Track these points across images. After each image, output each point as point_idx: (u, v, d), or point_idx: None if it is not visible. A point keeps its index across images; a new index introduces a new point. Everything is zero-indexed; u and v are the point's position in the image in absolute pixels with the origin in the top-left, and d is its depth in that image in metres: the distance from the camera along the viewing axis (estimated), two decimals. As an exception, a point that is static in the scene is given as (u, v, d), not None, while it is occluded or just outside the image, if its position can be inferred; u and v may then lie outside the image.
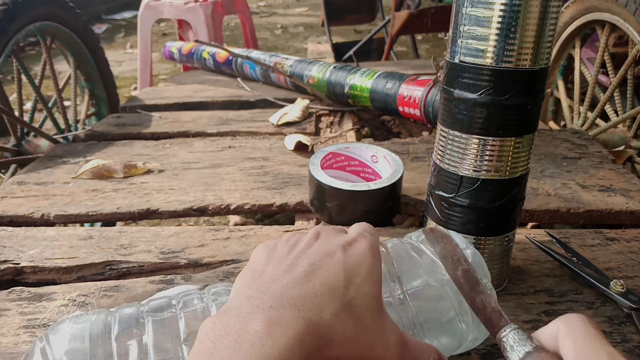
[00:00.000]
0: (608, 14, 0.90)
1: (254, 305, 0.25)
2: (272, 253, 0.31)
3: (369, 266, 0.28)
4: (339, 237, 0.30)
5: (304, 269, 0.27)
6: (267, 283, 0.27)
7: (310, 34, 3.83)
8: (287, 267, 0.28)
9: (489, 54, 0.38)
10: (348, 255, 0.28)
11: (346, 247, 0.29)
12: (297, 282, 0.26)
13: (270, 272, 0.28)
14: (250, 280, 0.28)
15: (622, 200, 0.62)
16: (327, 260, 0.28)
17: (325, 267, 0.28)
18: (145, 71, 1.84)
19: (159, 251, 0.54)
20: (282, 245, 0.31)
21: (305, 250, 0.29)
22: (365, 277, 0.28)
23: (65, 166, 0.76)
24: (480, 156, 0.41)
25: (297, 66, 1.02)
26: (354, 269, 0.28)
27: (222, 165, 0.75)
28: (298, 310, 0.25)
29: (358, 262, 0.28)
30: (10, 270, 0.52)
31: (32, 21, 0.95)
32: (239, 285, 0.29)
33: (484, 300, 0.30)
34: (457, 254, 0.33)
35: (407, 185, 0.65)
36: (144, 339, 0.30)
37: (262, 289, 0.27)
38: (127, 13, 4.84)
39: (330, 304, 0.26)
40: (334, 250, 0.29)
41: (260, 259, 0.30)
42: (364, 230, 0.32)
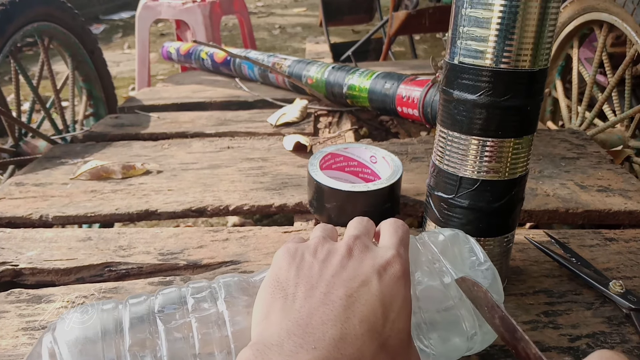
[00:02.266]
0: (606, 14, 0.90)
1: (297, 344, 0.25)
2: (300, 267, 0.30)
3: (403, 297, 0.28)
4: (372, 257, 0.30)
5: (341, 303, 0.27)
6: (304, 316, 0.26)
7: (308, 34, 3.83)
8: (322, 296, 0.27)
9: (489, 55, 0.38)
10: (383, 284, 0.28)
11: (381, 273, 0.28)
12: (337, 320, 0.26)
13: (303, 298, 0.27)
14: (283, 305, 0.27)
15: (620, 200, 0.62)
16: (363, 291, 0.27)
17: (363, 300, 0.27)
18: (143, 71, 1.84)
19: (157, 252, 0.54)
20: (310, 257, 0.30)
21: (339, 273, 0.28)
22: (399, 310, 0.28)
23: (64, 167, 0.76)
24: (480, 157, 0.41)
25: (296, 66, 1.02)
26: (390, 302, 0.28)
27: (220, 165, 0.75)
28: (341, 354, 0.25)
29: (393, 292, 0.28)
30: (9, 272, 0.52)
31: (29, 22, 0.95)
32: (270, 307, 0.28)
33: (525, 348, 0.30)
34: (490, 302, 0.33)
35: (405, 186, 0.65)
36: (158, 353, 0.29)
37: (300, 322, 0.26)
38: (124, 13, 4.83)
39: (369, 345, 0.26)
40: (369, 278, 0.28)
41: (289, 276, 0.29)
42: (399, 242, 0.31)
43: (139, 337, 0.30)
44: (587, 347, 0.41)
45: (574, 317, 0.44)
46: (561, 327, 0.43)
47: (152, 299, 0.33)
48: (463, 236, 0.39)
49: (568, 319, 0.44)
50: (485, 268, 0.37)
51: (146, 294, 0.33)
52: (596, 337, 0.42)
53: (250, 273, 0.50)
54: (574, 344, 0.41)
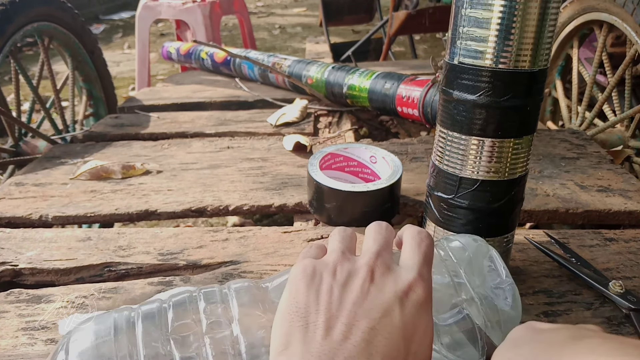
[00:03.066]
0: (606, 14, 0.90)
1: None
2: (319, 292, 0.28)
3: (425, 325, 0.28)
4: (394, 281, 0.29)
5: (363, 337, 0.26)
6: (327, 351, 0.26)
7: (308, 34, 3.83)
8: (344, 327, 0.26)
9: (488, 55, 0.38)
10: (405, 313, 0.27)
11: (403, 301, 0.28)
12: (360, 356, 0.25)
13: (324, 329, 0.27)
14: (304, 336, 0.27)
15: (620, 200, 0.62)
16: (385, 322, 0.27)
17: (386, 334, 0.26)
18: (143, 71, 1.84)
19: (157, 252, 0.54)
20: (330, 279, 0.29)
21: (360, 301, 0.28)
22: (421, 340, 0.27)
23: (63, 167, 0.76)
24: (480, 157, 0.41)
25: (296, 66, 1.02)
26: (412, 333, 0.27)
27: (220, 166, 0.75)
28: None
29: (415, 322, 0.27)
30: (9, 272, 0.52)
31: (29, 22, 0.95)
32: (287, 337, 0.27)
33: None
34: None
35: (405, 186, 0.65)
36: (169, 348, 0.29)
37: (322, 357, 0.25)
38: (125, 13, 4.83)
39: None
40: (391, 307, 0.27)
41: (308, 301, 0.28)
42: (423, 260, 0.30)
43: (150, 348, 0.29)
44: (587, 347, 0.41)
45: (574, 317, 0.44)
46: (561, 327, 0.43)
47: (165, 312, 0.32)
48: (485, 246, 0.38)
49: (568, 319, 0.44)
50: (506, 286, 0.36)
51: (158, 304, 0.32)
52: (596, 337, 0.42)
53: (250, 273, 0.51)
54: (574, 344, 0.41)
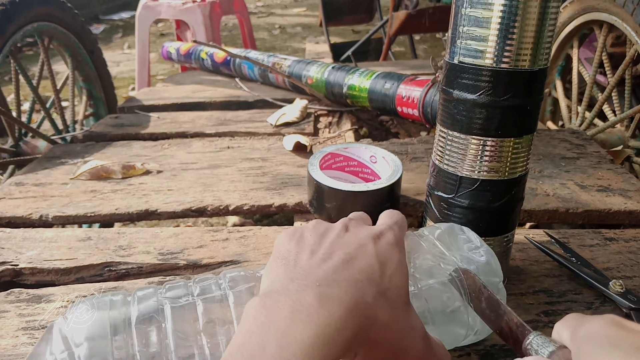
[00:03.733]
0: (606, 14, 0.90)
1: (301, 284, 0.26)
2: (300, 242, 0.31)
3: (397, 259, 0.30)
4: (367, 229, 0.31)
5: (340, 258, 0.28)
6: (306, 269, 0.28)
7: (308, 34, 3.83)
8: (322, 255, 0.29)
9: (488, 55, 0.38)
10: (378, 247, 0.30)
11: (376, 239, 0.30)
12: (337, 269, 0.27)
13: (305, 260, 0.29)
14: (285, 268, 0.29)
15: (620, 200, 0.62)
16: (360, 250, 0.29)
17: (360, 257, 0.29)
18: (143, 71, 1.84)
19: (157, 252, 0.54)
20: (310, 233, 0.32)
21: (337, 240, 0.30)
22: (395, 268, 0.29)
23: (64, 167, 0.76)
24: (480, 157, 0.41)
25: (296, 66, 1.02)
26: (385, 260, 0.29)
27: (220, 165, 0.75)
28: (344, 290, 0.26)
29: (388, 254, 0.30)
30: (9, 272, 0.52)
31: (29, 22, 0.95)
32: (274, 274, 0.29)
33: (508, 320, 0.31)
34: (477, 285, 0.34)
35: (405, 186, 0.65)
36: (163, 326, 0.31)
37: (303, 273, 0.27)
38: (124, 13, 4.83)
39: (370, 288, 0.27)
40: (365, 242, 0.30)
41: (290, 248, 0.30)
42: (393, 223, 0.33)
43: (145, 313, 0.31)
44: (587, 346, 0.41)
45: (574, 317, 0.44)
46: (561, 327, 0.43)
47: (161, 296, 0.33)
48: (458, 227, 0.40)
49: (568, 319, 0.44)
50: (482, 249, 0.38)
51: (153, 289, 0.34)
52: (596, 337, 0.42)
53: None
54: (574, 343, 0.41)
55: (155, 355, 0.30)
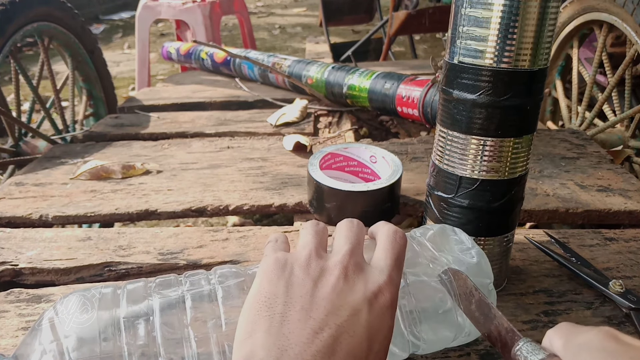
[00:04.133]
0: (606, 14, 0.90)
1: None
2: (290, 284, 0.29)
3: (387, 328, 0.29)
4: (364, 282, 0.29)
5: (331, 333, 0.26)
6: (293, 345, 0.26)
7: (308, 34, 3.82)
8: (314, 323, 0.27)
9: (488, 55, 0.38)
10: (373, 315, 0.28)
11: (372, 302, 0.28)
12: (325, 352, 0.26)
13: (291, 324, 0.27)
14: (269, 327, 0.27)
15: (620, 200, 0.62)
16: (353, 321, 0.27)
17: (351, 332, 0.27)
18: (143, 71, 1.84)
19: (157, 252, 0.54)
20: (302, 273, 0.29)
21: (332, 298, 0.28)
22: (382, 341, 0.28)
23: (64, 167, 0.76)
24: (480, 157, 0.41)
25: (296, 66, 1.02)
26: (376, 334, 0.28)
27: (220, 165, 0.75)
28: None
29: (381, 323, 0.28)
30: (9, 272, 0.52)
31: (29, 22, 0.95)
32: (253, 324, 0.27)
33: (498, 325, 0.31)
34: (468, 287, 0.34)
35: (405, 186, 0.65)
36: (151, 318, 0.31)
37: (290, 352, 0.25)
38: (124, 13, 4.83)
39: None
40: (360, 307, 0.28)
41: (277, 292, 0.28)
42: (393, 264, 0.31)
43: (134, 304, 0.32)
44: (587, 346, 0.41)
45: (574, 317, 0.44)
46: (561, 327, 0.43)
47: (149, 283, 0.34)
48: (450, 229, 0.40)
49: (568, 319, 0.44)
50: (474, 250, 0.38)
51: (143, 282, 0.34)
52: (596, 337, 0.42)
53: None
54: (574, 343, 0.41)
55: (143, 348, 0.30)
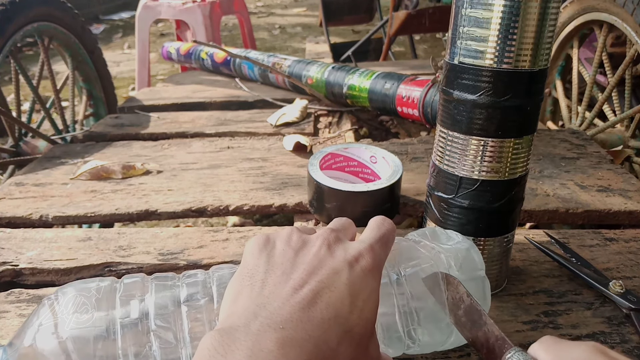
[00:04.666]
0: (606, 14, 0.90)
1: (264, 324, 0.25)
2: (271, 258, 0.29)
3: (371, 289, 0.29)
4: (344, 249, 0.30)
5: (310, 288, 0.27)
6: (272, 301, 0.26)
7: (308, 34, 3.83)
8: (294, 283, 0.27)
9: (489, 55, 0.38)
10: (353, 275, 0.28)
11: (353, 265, 0.29)
12: (305, 304, 0.26)
13: (272, 285, 0.27)
14: (250, 292, 0.27)
15: (620, 200, 0.62)
16: (333, 278, 0.28)
17: (332, 287, 0.27)
18: (143, 72, 1.84)
19: (157, 252, 0.54)
20: (284, 247, 0.30)
21: (312, 262, 0.29)
22: (366, 300, 0.28)
23: (64, 167, 0.76)
24: (480, 157, 0.41)
25: (296, 66, 1.02)
26: (358, 292, 0.28)
27: (220, 166, 0.75)
28: (308, 335, 0.25)
29: (362, 283, 0.28)
30: (9, 272, 0.52)
31: (29, 22, 0.95)
32: (237, 295, 0.28)
33: (488, 332, 0.31)
34: (459, 292, 0.34)
35: (405, 186, 0.65)
36: (146, 298, 0.33)
37: (268, 306, 0.26)
38: (124, 13, 4.83)
39: (335, 329, 0.26)
40: (340, 268, 0.28)
41: (258, 264, 0.29)
42: (377, 239, 0.31)
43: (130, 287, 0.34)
44: (587, 347, 0.41)
45: (574, 317, 0.44)
46: (561, 327, 0.43)
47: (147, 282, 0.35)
48: (440, 229, 0.41)
49: (568, 319, 0.44)
50: (464, 243, 0.39)
51: (141, 277, 0.35)
52: (596, 337, 0.42)
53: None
54: (574, 344, 0.41)
55: (137, 334, 0.31)
